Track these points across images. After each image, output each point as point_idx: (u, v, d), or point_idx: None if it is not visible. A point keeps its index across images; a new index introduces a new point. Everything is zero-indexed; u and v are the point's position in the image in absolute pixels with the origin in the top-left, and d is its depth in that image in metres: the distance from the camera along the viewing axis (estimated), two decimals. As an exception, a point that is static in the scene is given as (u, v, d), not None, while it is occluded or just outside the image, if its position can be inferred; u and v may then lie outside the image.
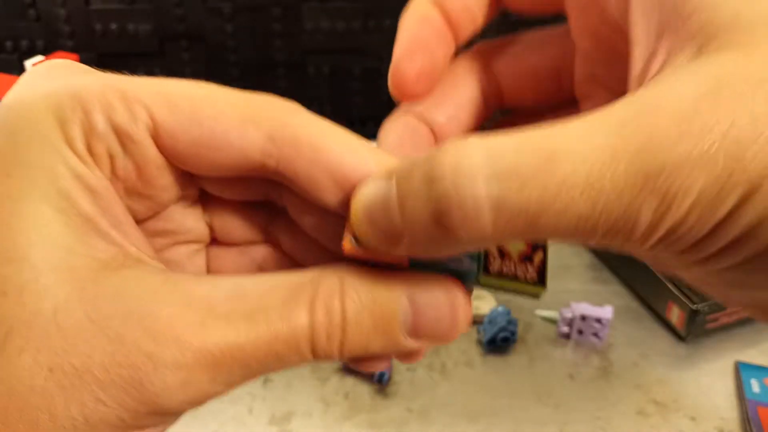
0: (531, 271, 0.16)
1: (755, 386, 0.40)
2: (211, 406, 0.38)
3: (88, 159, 0.16)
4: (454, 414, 0.38)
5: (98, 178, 0.16)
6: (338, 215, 0.17)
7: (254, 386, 0.40)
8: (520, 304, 0.47)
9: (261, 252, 0.21)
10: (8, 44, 0.56)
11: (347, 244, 0.16)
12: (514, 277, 0.15)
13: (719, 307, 0.42)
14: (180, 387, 0.15)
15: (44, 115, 0.16)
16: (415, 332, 0.16)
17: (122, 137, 0.16)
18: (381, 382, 0.40)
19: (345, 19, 0.58)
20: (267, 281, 0.16)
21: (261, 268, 0.21)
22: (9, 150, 0.15)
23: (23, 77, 0.17)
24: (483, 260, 0.15)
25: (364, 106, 0.64)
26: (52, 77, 0.17)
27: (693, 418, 0.38)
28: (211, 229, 0.21)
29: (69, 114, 0.16)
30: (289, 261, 0.21)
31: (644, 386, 0.41)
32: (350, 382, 0.40)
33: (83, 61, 0.55)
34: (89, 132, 0.16)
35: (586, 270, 0.51)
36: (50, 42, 0.56)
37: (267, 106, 0.17)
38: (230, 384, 0.16)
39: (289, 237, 0.21)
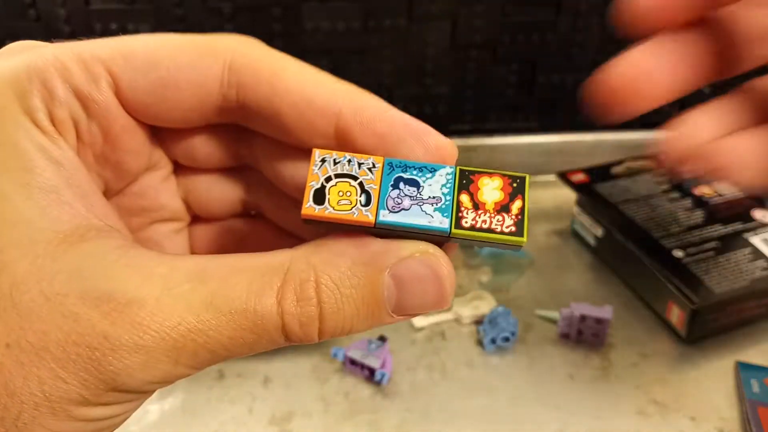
0: (508, 222, 0.16)
1: (755, 386, 0.40)
2: (211, 405, 0.38)
3: (50, 129, 0.16)
4: (454, 414, 0.38)
5: (62, 149, 0.16)
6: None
7: (254, 386, 0.40)
8: (520, 304, 0.47)
9: (244, 226, 0.21)
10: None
11: (306, 208, 0.16)
12: (489, 230, 0.16)
13: (719, 307, 0.42)
14: (141, 368, 0.15)
15: (1, 91, 0.15)
16: (401, 309, 0.16)
17: (84, 100, 0.16)
18: (381, 382, 0.40)
19: (345, 19, 0.58)
20: (231, 263, 0.16)
21: (245, 244, 0.21)
22: None
23: None
24: (455, 214, 0.16)
25: (364, 106, 0.64)
26: (7, 56, 0.17)
27: (693, 418, 0.38)
28: (188, 204, 0.21)
29: (26, 85, 0.15)
30: (274, 233, 0.21)
31: (644, 386, 0.40)
32: (350, 382, 0.40)
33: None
34: (49, 100, 0.16)
35: (586, 270, 0.51)
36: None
37: (225, 40, 0.17)
38: (197, 366, 0.16)
39: (270, 201, 0.20)
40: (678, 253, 0.46)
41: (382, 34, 0.59)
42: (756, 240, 0.47)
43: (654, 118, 0.70)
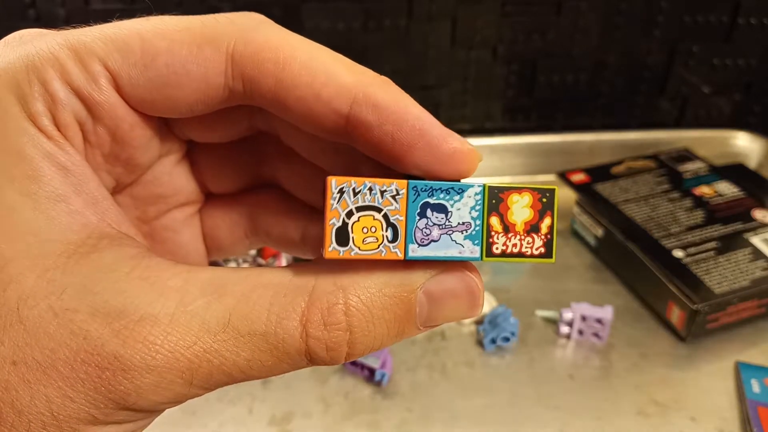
0: (538, 243, 0.15)
1: (755, 386, 0.40)
2: (211, 406, 0.38)
3: (56, 134, 0.15)
4: (454, 414, 0.38)
5: (69, 154, 0.15)
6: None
7: (254, 387, 0.40)
8: (520, 304, 0.47)
9: (257, 199, 0.20)
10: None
11: (329, 252, 0.14)
12: (520, 254, 0.15)
13: (720, 307, 0.42)
14: (152, 389, 0.14)
15: (2, 95, 0.14)
16: (431, 321, 0.16)
17: (86, 101, 0.15)
18: (381, 383, 0.40)
19: (345, 20, 0.58)
20: (251, 278, 0.15)
21: (258, 219, 0.20)
22: None
23: None
24: (485, 240, 0.15)
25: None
26: (2, 53, 0.15)
27: (693, 418, 0.38)
28: (204, 183, 0.20)
29: (27, 89, 0.15)
30: (288, 205, 0.20)
31: (644, 386, 0.40)
32: (350, 382, 0.40)
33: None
34: (52, 104, 0.15)
35: (586, 270, 0.51)
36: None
37: (225, 23, 0.15)
38: (211, 388, 0.15)
39: (287, 168, 0.19)
40: (678, 253, 0.46)
41: (382, 34, 0.59)
42: (756, 240, 0.47)
43: (654, 118, 0.71)
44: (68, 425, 0.14)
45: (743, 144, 0.65)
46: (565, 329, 0.44)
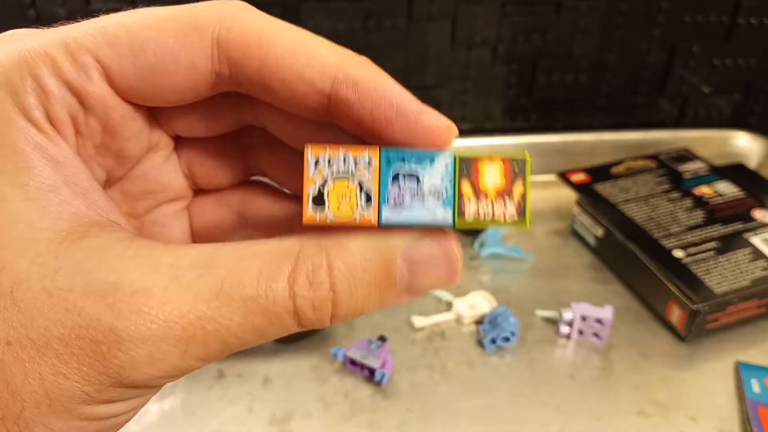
0: (510, 209, 0.16)
1: (755, 386, 0.40)
2: (212, 405, 0.38)
3: (47, 127, 0.15)
4: (454, 414, 0.38)
5: (59, 147, 0.15)
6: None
7: (254, 386, 0.40)
8: (520, 304, 0.47)
9: (245, 194, 0.21)
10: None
11: (307, 217, 0.15)
12: (492, 219, 0.16)
13: (719, 307, 0.42)
14: (147, 361, 0.14)
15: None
16: (412, 289, 0.16)
17: (78, 93, 0.16)
18: (381, 382, 0.40)
19: (345, 20, 0.58)
20: (239, 250, 0.15)
21: (248, 213, 0.21)
22: None
23: None
24: (457, 205, 0.15)
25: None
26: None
27: (693, 418, 0.38)
28: (193, 178, 0.20)
29: (19, 84, 0.15)
30: (275, 197, 0.20)
31: (644, 386, 0.40)
32: (350, 382, 0.40)
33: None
34: (44, 97, 0.15)
35: (586, 270, 0.51)
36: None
37: (209, 10, 0.16)
38: (206, 358, 0.15)
39: (275, 161, 0.20)
40: (678, 253, 0.46)
41: (383, 34, 0.59)
42: (756, 240, 0.47)
43: (654, 118, 0.71)
44: (61, 404, 0.14)
45: (743, 144, 0.65)
46: (565, 329, 0.44)
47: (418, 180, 0.16)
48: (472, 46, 0.61)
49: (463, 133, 0.65)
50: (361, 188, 0.15)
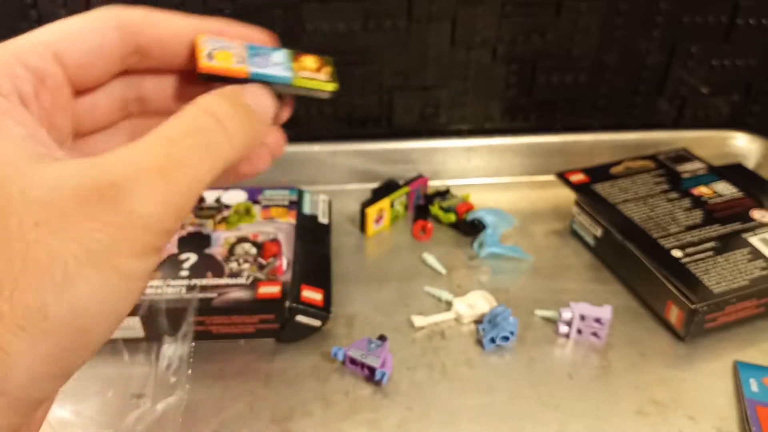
0: (325, 76, 0.26)
1: (754, 386, 0.40)
2: (212, 404, 0.38)
3: (14, 98, 0.20)
4: (453, 413, 0.38)
5: (23, 113, 0.20)
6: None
7: (255, 385, 0.40)
8: (519, 304, 0.47)
9: (129, 126, 0.27)
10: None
11: (203, 63, 0.24)
12: (314, 79, 0.26)
13: (718, 307, 0.43)
14: (148, 193, 0.19)
15: None
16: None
17: (37, 73, 0.21)
18: (381, 382, 0.40)
19: (345, 21, 0.58)
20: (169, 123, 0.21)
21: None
22: None
23: None
24: (293, 71, 0.25)
25: (364, 106, 0.64)
26: None
27: (692, 418, 0.39)
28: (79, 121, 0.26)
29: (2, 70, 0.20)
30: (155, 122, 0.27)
31: (643, 386, 0.41)
32: (350, 381, 0.40)
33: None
34: (13, 78, 0.20)
35: (585, 270, 0.51)
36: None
37: (106, 8, 0.23)
38: (179, 186, 0.20)
39: (154, 89, 0.26)
40: (677, 253, 0.46)
41: (383, 35, 0.60)
42: (755, 240, 0.47)
43: (653, 118, 0.71)
44: (99, 258, 0.18)
45: (742, 144, 0.65)
46: (564, 329, 0.44)
47: (268, 57, 0.25)
48: (472, 46, 0.61)
49: (463, 133, 0.65)
50: (236, 54, 0.24)
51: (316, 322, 0.43)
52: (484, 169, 0.63)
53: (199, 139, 0.21)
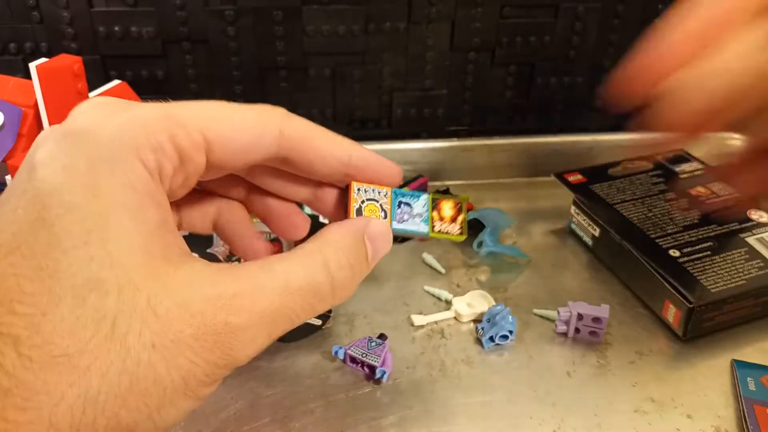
0: (457, 228, 0.29)
1: (751, 384, 0.40)
2: (213, 403, 0.39)
3: (156, 175, 0.21)
4: (453, 411, 0.39)
5: (162, 193, 0.21)
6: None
7: (256, 384, 0.40)
8: (518, 303, 0.47)
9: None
10: (12, 46, 0.57)
11: (352, 215, 0.26)
12: (447, 232, 0.28)
13: (716, 306, 0.43)
14: (250, 343, 0.20)
15: (123, 143, 0.20)
16: (374, 257, 0.26)
17: (185, 159, 0.22)
18: (381, 380, 0.40)
19: (345, 22, 0.59)
20: (286, 257, 0.22)
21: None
22: (93, 173, 0.19)
23: (79, 108, 0.21)
24: (431, 223, 0.28)
25: (364, 107, 0.64)
26: (111, 111, 0.21)
27: (689, 416, 0.39)
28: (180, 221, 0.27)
29: (143, 140, 0.20)
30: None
31: (641, 384, 0.41)
32: (351, 379, 0.41)
33: (87, 63, 0.56)
34: (161, 155, 0.21)
35: (583, 269, 0.52)
36: (54, 44, 0.57)
37: (273, 112, 0.24)
38: (275, 336, 0.21)
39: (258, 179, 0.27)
40: (674, 253, 0.46)
41: (382, 36, 0.60)
42: (752, 240, 0.48)
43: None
44: (190, 388, 0.19)
45: (740, 145, 0.65)
46: (562, 327, 0.45)
47: (411, 207, 0.28)
48: (471, 48, 0.62)
49: (462, 134, 0.66)
50: (382, 208, 0.27)
51: (317, 321, 0.43)
52: (483, 170, 0.64)
53: (310, 300, 0.22)
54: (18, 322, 0.17)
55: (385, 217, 0.27)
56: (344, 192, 0.27)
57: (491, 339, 0.43)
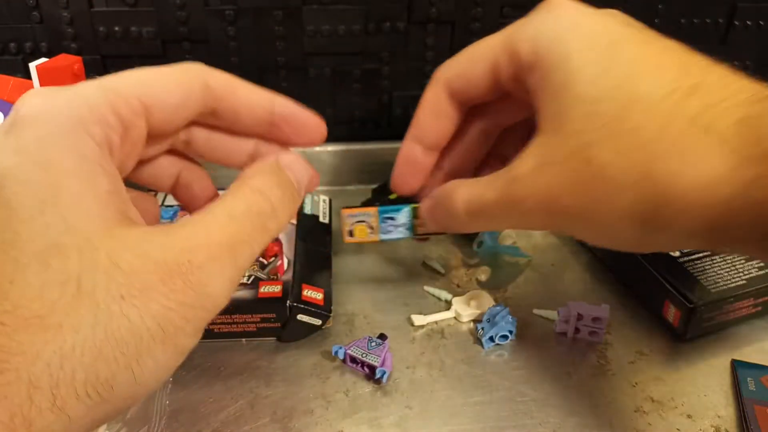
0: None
1: (751, 384, 0.40)
2: (213, 402, 0.39)
3: (105, 148, 0.21)
4: (453, 411, 0.39)
5: (111, 165, 0.21)
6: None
7: (256, 384, 0.40)
8: (518, 302, 0.47)
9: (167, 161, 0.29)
10: (12, 46, 0.57)
11: (347, 239, 0.34)
12: (427, 236, 0.37)
13: (716, 306, 0.43)
14: (218, 276, 0.20)
15: (69, 120, 0.21)
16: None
17: (125, 124, 0.22)
18: (381, 380, 0.40)
19: (345, 22, 0.59)
20: (214, 202, 0.23)
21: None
22: (42, 150, 0.20)
23: (21, 100, 0.22)
24: (414, 229, 0.36)
25: (363, 107, 0.64)
26: (51, 94, 0.21)
27: (689, 416, 0.39)
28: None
29: (87, 115, 0.21)
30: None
31: (641, 384, 0.41)
32: (351, 379, 0.41)
33: (87, 63, 0.56)
34: (107, 127, 0.21)
35: (583, 269, 0.52)
36: (54, 44, 0.57)
37: (196, 69, 0.25)
38: (242, 265, 0.22)
39: (202, 137, 0.28)
40: (674, 253, 0.46)
41: (382, 37, 0.60)
42: (752, 240, 0.48)
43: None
44: (169, 336, 0.19)
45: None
46: (562, 327, 0.45)
47: (395, 219, 0.35)
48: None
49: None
50: (369, 226, 0.34)
51: (317, 321, 0.43)
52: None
53: (258, 220, 0.23)
54: None
55: (374, 233, 0.33)
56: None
57: (491, 339, 0.43)
